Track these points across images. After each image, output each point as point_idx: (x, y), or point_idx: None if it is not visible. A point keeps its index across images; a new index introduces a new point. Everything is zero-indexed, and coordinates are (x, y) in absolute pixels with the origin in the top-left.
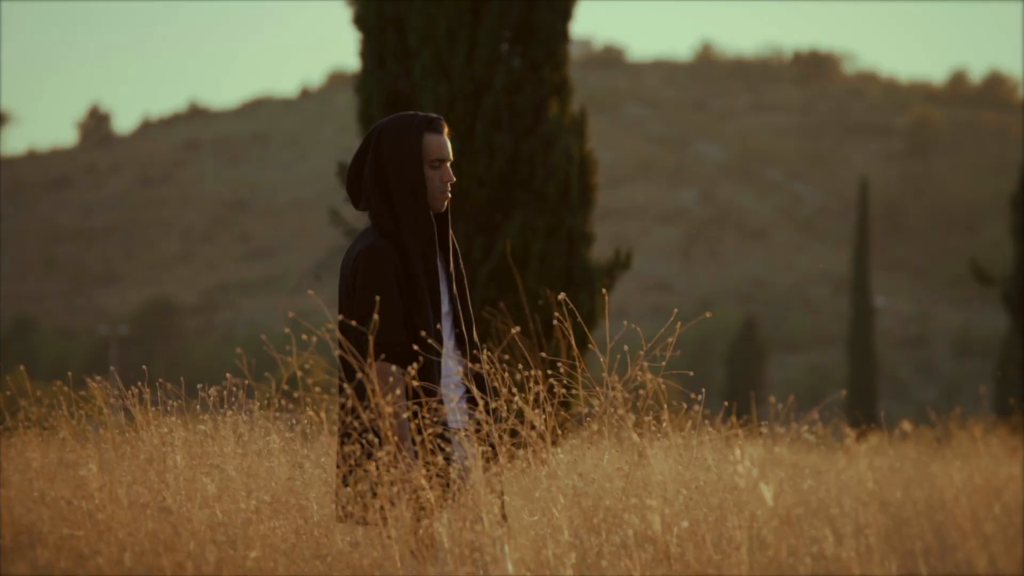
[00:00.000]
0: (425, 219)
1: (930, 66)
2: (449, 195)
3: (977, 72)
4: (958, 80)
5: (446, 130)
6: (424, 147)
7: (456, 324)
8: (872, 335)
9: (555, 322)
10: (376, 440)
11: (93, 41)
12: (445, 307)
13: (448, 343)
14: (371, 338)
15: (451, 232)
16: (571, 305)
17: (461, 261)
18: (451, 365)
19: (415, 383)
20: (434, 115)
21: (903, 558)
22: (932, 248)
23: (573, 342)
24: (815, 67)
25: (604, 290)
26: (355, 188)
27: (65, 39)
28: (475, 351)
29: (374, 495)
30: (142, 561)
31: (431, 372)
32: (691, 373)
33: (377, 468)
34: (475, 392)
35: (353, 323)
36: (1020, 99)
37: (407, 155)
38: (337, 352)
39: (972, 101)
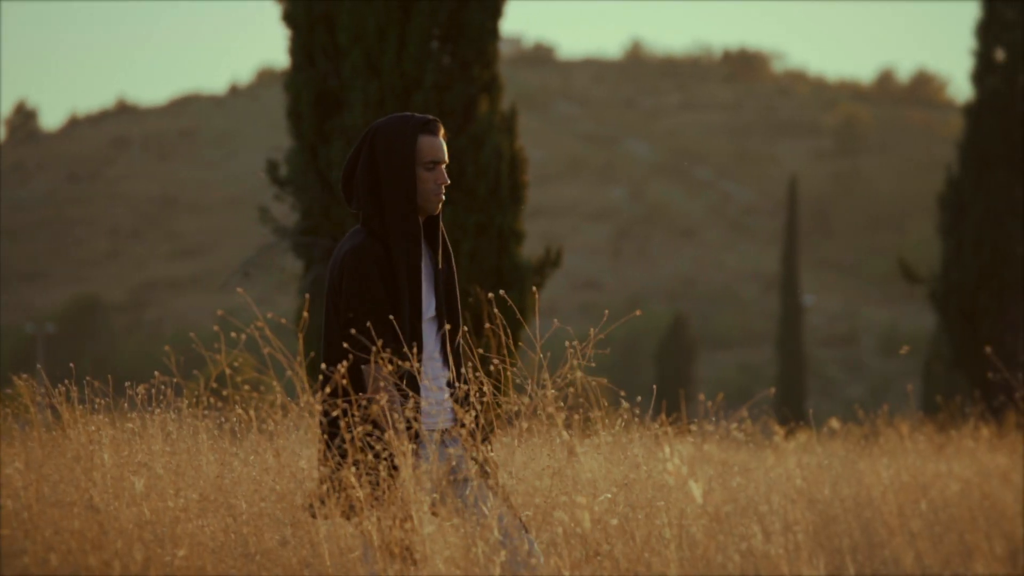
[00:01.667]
0: (413, 221)
1: (858, 65)
2: (443, 197)
3: (904, 71)
4: (886, 79)
5: (441, 132)
6: (418, 149)
7: (441, 327)
8: (801, 333)
9: (489, 321)
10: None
11: (20, 37)
12: (431, 311)
13: (433, 346)
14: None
15: (443, 234)
16: (509, 302)
17: (454, 264)
18: (435, 368)
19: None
20: (430, 117)
21: (831, 555)
22: (860, 246)
23: (504, 339)
24: (744, 66)
25: (534, 288)
26: (348, 187)
27: None
28: (456, 356)
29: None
30: (68, 560)
31: (409, 374)
32: (607, 381)
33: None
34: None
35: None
36: (947, 98)
37: (400, 156)
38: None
39: (900, 100)
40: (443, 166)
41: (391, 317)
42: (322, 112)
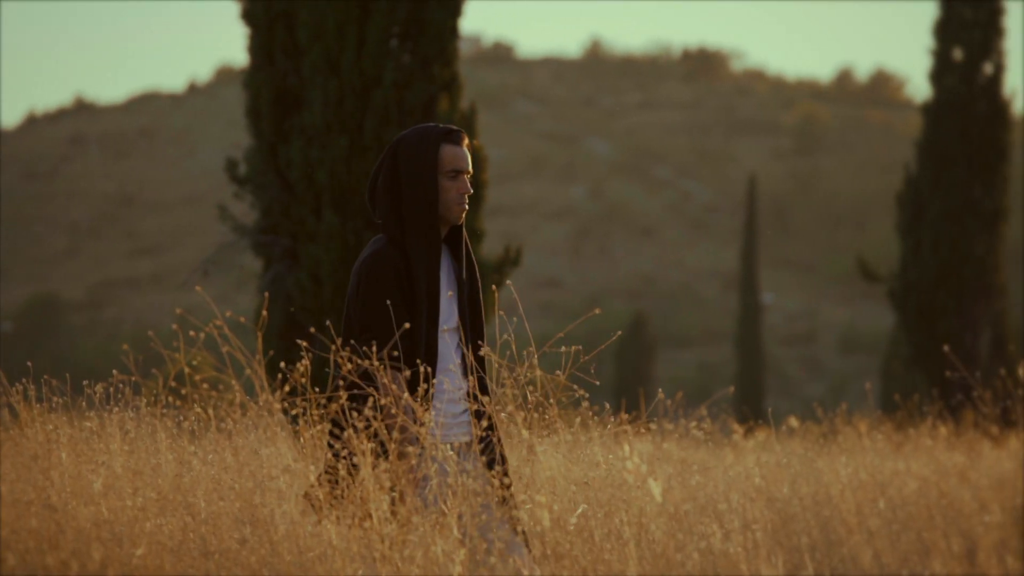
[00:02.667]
0: (433, 231)
1: (817, 64)
2: (466, 207)
3: (863, 70)
4: (844, 78)
5: (465, 142)
6: (440, 158)
7: (461, 338)
8: (760, 332)
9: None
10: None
11: None
12: (452, 322)
13: (451, 357)
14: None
15: (467, 244)
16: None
17: (478, 275)
18: (453, 380)
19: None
20: (453, 127)
21: (789, 553)
22: (819, 245)
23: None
24: (703, 65)
25: (494, 287)
26: (373, 197)
27: None
28: (480, 369)
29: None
30: (26, 559)
31: (414, 384)
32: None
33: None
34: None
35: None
36: (905, 97)
37: (423, 165)
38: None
39: (858, 99)
40: (466, 176)
41: (408, 325)
42: (281, 110)
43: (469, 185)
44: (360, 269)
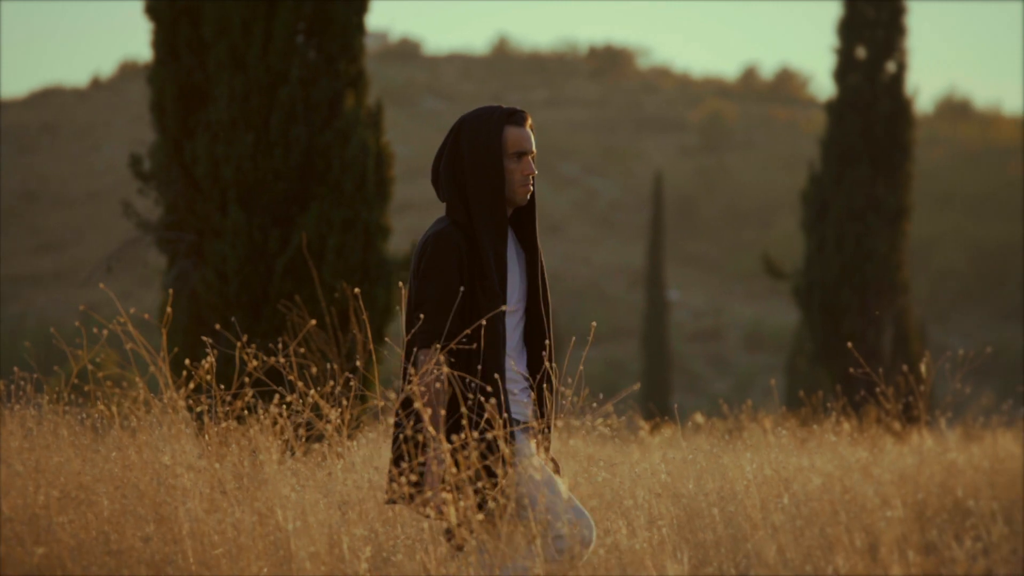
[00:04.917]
0: (500, 213)
1: (722, 62)
2: (531, 188)
3: (768, 68)
4: (750, 76)
5: (528, 122)
6: (504, 140)
7: (521, 320)
8: (666, 328)
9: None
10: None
11: None
12: (512, 304)
13: (513, 338)
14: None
15: (537, 229)
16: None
17: (543, 259)
18: (510, 363)
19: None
20: (516, 108)
21: (695, 549)
22: (725, 242)
23: (370, 335)
24: (609, 62)
25: (400, 283)
26: (437, 179)
27: None
28: (545, 352)
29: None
30: None
31: (482, 365)
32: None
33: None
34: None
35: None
36: (809, 95)
37: (487, 148)
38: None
39: (763, 96)
40: (530, 157)
41: (471, 307)
42: (186, 106)
43: (534, 166)
44: (422, 247)
